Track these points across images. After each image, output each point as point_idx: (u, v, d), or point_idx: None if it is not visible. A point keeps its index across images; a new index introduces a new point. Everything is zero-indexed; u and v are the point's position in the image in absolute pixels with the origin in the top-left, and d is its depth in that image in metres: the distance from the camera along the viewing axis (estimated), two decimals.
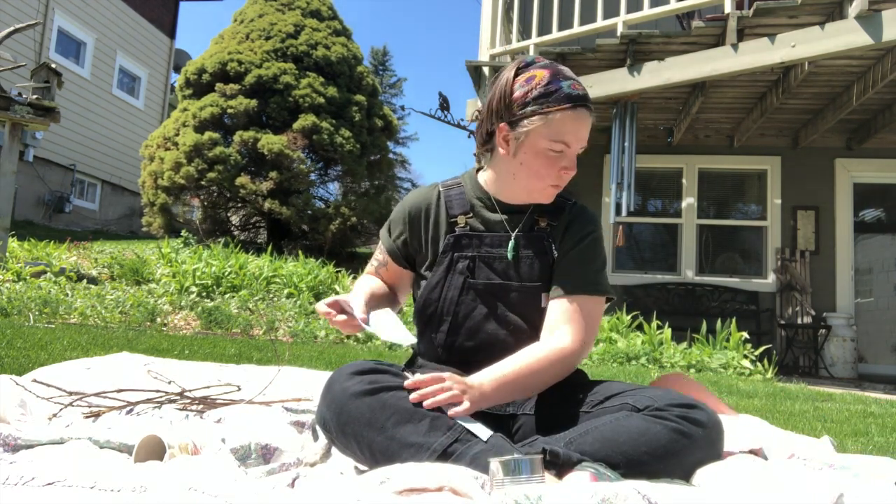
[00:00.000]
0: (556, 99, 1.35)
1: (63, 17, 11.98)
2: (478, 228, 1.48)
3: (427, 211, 1.52)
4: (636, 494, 0.91)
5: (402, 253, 1.55)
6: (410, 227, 1.53)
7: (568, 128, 1.36)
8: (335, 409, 1.22)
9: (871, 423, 2.52)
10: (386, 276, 1.60)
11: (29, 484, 0.98)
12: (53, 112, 5.72)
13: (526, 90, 1.37)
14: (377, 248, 1.63)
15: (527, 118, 1.36)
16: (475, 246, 1.46)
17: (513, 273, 1.45)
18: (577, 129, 1.37)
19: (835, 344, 6.76)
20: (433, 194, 1.54)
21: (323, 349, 4.00)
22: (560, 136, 1.36)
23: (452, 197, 1.52)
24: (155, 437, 1.27)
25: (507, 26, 6.34)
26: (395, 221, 1.57)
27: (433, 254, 1.49)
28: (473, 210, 1.50)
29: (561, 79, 1.37)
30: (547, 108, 1.35)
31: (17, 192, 9.35)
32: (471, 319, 1.44)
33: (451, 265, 1.46)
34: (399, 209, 1.57)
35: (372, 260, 1.64)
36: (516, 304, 1.44)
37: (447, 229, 1.49)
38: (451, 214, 1.49)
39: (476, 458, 1.11)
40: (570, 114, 1.36)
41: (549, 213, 1.50)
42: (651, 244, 8.24)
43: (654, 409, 1.24)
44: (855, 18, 4.50)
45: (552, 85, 1.36)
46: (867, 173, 7.29)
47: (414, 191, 1.59)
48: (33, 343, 2.90)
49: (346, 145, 8.95)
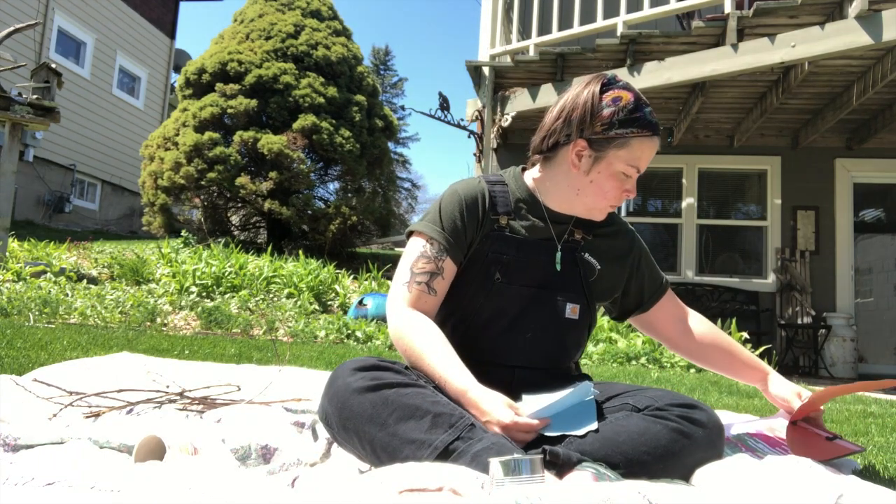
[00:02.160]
0: (639, 125, 1.37)
1: (63, 17, 11.98)
2: (518, 231, 1.45)
3: (479, 203, 1.44)
4: (636, 494, 0.91)
5: (458, 247, 1.41)
6: (467, 216, 1.42)
7: (645, 154, 1.40)
8: (337, 404, 1.22)
9: (871, 423, 2.52)
10: (440, 289, 1.39)
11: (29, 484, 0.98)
12: (53, 112, 5.72)
13: (613, 111, 1.37)
14: (414, 257, 1.40)
15: (611, 140, 1.37)
16: (513, 248, 1.43)
17: (547, 281, 1.44)
18: (650, 156, 1.41)
19: (835, 344, 6.76)
20: (480, 188, 1.46)
21: (323, 349, 4.00)
22: (636, 161, 1.39)
23: (497, 194, 1.46)
24: (155, 437, 1.27)
25: (507, 26, 6.34)
26: (448, 211, 1.42)
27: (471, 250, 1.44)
28: (517, 212, 1.47)
29: (643, 105, 1.40)
30: (632, 132, 1.37)
31: (17, 192, 9.35)
32: (494, 322, 1.42)
33: (485, 265, 1.42)
34: (452, 199, 1.44)
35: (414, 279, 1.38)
36: (542, 311, 1.43)
37: (489, 226, 1.44)
38: (494, 212, 1.45)
39: (477, 457, 1.11)
40: (649, 141, 1.39)
41: (583, 225, 1.50)
42: (651, 244, 8.19)
43: (654, 409, 1.24)
44: (855, 18, 4.50)
45: (638, 111, 1.38)
46: (867, 173, 7.30)
47: (460, 182, 1.49)
48: (33, 343, 2.90)
49: (346, 145, 8.95)
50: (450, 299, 1.45)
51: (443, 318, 1.48)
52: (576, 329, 1.47)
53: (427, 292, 1.38)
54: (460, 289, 1.45)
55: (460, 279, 1.45)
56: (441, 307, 1.46)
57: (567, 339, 1.46)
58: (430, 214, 1.45)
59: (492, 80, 5.91)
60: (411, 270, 1.39)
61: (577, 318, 1.45)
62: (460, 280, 1.45)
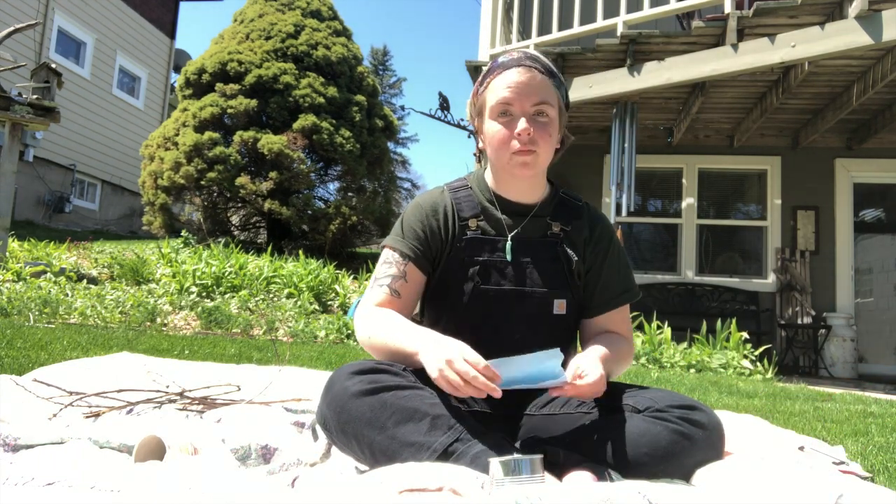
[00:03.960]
0: (491, 71, 1.43)
1: (63, 17, 11.98)
2: (489, 232, 1.46)
3: (441, 212, 1.47)
4: (636, 494, 0.91)
5: (423, 254, 1.44)
6: (429, 225, 1.46)
7: (504, 86, 1.38)
8: (335, 408, 1.22)
9: (871, 423, 2.52)
10: (404, 292, 1.43)
11: (29, 484, 0.98)
12: (53, 112, 5.72)
13: (476, 84, 1.47)
14: (381, 266, 1.46)
15: (481, 94, 1.44)
16: (487, 250, 1.44)
17: (524, 279, 1.43)
18: (515, 85, 1.37)
19: (835, 344, 6.75)
20: (442, 197, 1.49)
21: (323, 349, 4.00)
22: (500, 97, 1.38)
23: (461, 199, 1.49)
24: (155, 437, 1.27)
25: (507, 26, 6.34)
26: (409, 223, 1.47)
27: (444, 257, 1.46)
28: (485, 212, 1.47)
29: (500, 56, 1.44)
30: (487, 83, 1.42)
31: (17, 192, 9.35)
32: (480, 326, 1.42)
33: (462, 270, 1.43)
34: (414, 210, 1.49)
35: (377, 283, 1.44)
36: (528, 310, 1.43)
37: (459, 232, 1.45)
38: (461, 217, 1.46)
39: (476, 458, 1.11)
40: (507, 73, 1.39)
41: (561, 217, 1.49)
42: (651, 244, 8.24)
43: (654, 411, 1.24)
44: (855, 18, 4.50)
45: (492, 63, 1.44)
46: (867, 173, 7.29)
47: (422, 194, 1.54)
48: (33, 343, 2.90)
49: (346, 145, 8.95)
50: (435, 307, 1.47)
51: (430, 325, 1.48)
52: (565, 324, 1.47)
53: (391, 294, 1.42)
54: (443, 296, 1.46)
55: (442, 287, 1.46)
56: (428, 316, 1.49)
57: (558, 334, 1.46)
58: (395, 228, 1.50)
59: None
60: (376, 277, 1.46)
61: (566, 313, 1.45)
62: (442, 287, 1.46)
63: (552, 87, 1.40)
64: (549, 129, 1.38)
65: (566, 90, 1.47)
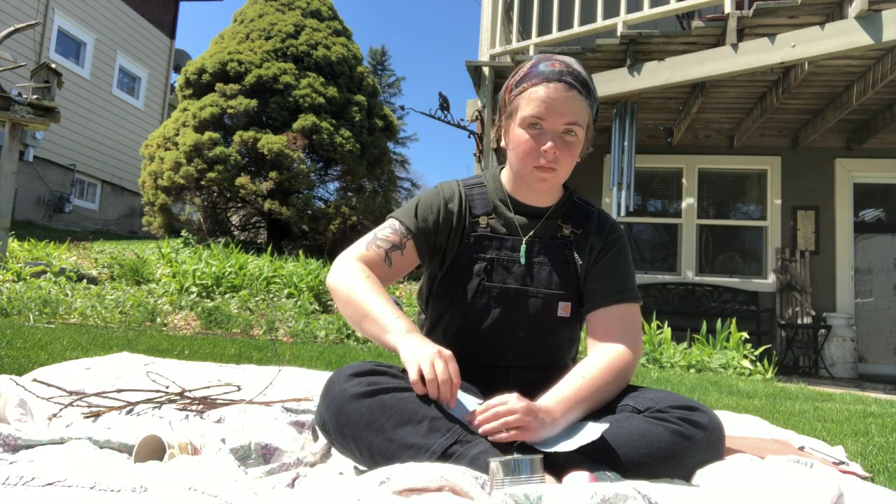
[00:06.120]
0: (530, 77, 1.38)
1: (63, 17, 11.98)
2: (499, 230, 1.46)
3: (455, 203, 1.47)
4: (636, 494, 0.91)
5: (426, 237, 1.44)
6: (445, 214, 1.45)
7: (540, 100, 1.35)
8: (334, 410, 1.22)
9: (871, 423, 2.52)
10: (395, 264, 1.42)
11: (29, 484, 0.98)
12: (53, 112, 5.72)
13: (511, 81, 1.43)
14: (383, 229, 1.45)
15: (512, 100, 1.41)
16: (495, 248, 1.44)
17: (530, 279, 1.43)
18: (551, 102, 1.35)
19: (835, 344, 6.76)
20: (458, 191, 1.49)
21: (323, 349, 4.00)
22: (533, 110, 1.36)
23: (474, 196, 1.49)
24: (155, 437, 1.27)
25: (507, 26, 6.34)
26: (425, 205, 1.46)
27: (452, 252, 1.46)
28: (496, 211, 1.47)
29: (541, 62, 1.40)
30: (523, 88, 1.38)
31: (17, 192, 9.35)
32: (483, 323, 1.42)
33: (468, 266, 1.43)
34: (433, 194, 1.48)
35: (374, 240, 1.43)
36: (531, 310, 1.42)
37: (469, 228, 1.45)
38: (473, 214, 1.46)
39: (476, 459, 1.11)
40: (541, 87, 1.36)
41: (572, 220, 1.49)
42: (651, 244, 8.24)
43: (654, 411, 1.24)
44: (855, 18, 4.50)
45: (532, 69, 1.40)
46: (867, 173, 7.30)
47: (442, 183, 1.53)
48: (33, 343, 2.90)
49: (346, 145, 8.95)
50: (440, 302, 1.47)
51: (434, 321, 1.48)
52: (569, 326, 1.47)
53: (383, 259, 1.40)
54: (448, 291, 1.45)
55: (447, 282, 1.46)
56: (432, 311, 1.48)
57: (561, 336, 1.46)
58: (408, 204, 1.49)
59: (492, 80, 5.91)
60: (375, 234, 1.44)
61: (569, 315, 1.45)
62: (447, 282, 1.46)
63: (586, 106, 1.38)
64: (573, 149, 1.39)
65: (597, 105, 1.46)
